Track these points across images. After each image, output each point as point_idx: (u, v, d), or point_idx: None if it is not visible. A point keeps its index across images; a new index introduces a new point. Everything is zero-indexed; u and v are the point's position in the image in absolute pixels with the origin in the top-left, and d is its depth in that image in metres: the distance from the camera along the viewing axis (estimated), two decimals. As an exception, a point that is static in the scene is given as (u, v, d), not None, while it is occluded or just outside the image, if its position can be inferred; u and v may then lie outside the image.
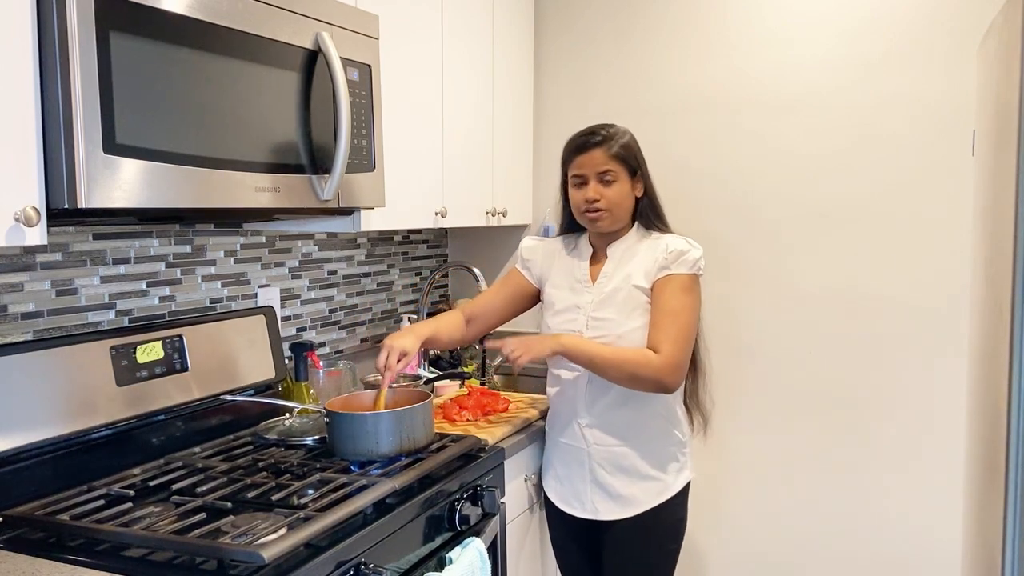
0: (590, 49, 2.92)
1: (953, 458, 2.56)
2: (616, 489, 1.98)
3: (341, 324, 2.57)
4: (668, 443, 1.99)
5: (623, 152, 1.95)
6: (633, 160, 1.97)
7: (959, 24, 2.46)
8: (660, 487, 1.98)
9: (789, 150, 2.68)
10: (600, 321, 1.96)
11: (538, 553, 2.28)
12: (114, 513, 1.44)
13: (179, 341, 1.84)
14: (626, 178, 1.96)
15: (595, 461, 2.00)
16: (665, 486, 1.98)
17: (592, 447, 2.00)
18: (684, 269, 1.92)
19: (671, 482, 1.99)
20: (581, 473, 2.02)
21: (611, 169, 1.93)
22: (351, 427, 1.71)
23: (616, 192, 1.94)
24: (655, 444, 1.98)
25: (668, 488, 1.98)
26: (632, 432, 1.97)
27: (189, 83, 1.43)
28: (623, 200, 1.96)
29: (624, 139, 1.97)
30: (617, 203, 1.95)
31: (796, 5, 2.64)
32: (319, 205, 1.75)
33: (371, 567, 1.45)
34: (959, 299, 2.51)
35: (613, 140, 1.95)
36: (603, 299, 1.97)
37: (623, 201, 1.96)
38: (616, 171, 1.94)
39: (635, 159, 1.97)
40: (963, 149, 2.48)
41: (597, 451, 1.99)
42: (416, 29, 2.26)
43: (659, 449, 1.98)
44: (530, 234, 3.05)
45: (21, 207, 1.22)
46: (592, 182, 1.95)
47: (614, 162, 1.94)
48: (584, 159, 1.95)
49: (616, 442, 1.98)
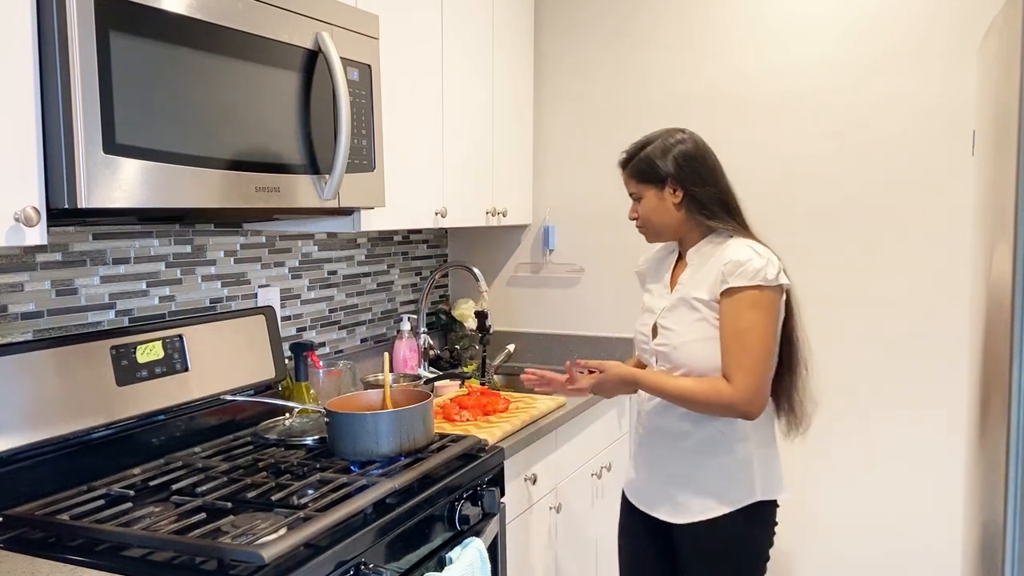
0: (590, 48, 2.92)
1: (953, 458, 2.56)
2: (672, 492, 1.92)
3: (341, 324, 2.57)
4: (726, 457, 1.88)
5: (644, 167, 1.92)
6: (655, 173, 1.90)
7: (959, 24, 2.46)
8: (712, 503, 1.86)
9: (789, 150, 2.68)
10: (665, 329, 1.91)
11: (538, 553, 2.28)
12: (114, 513, 1.44)
13: (179, 341, 1.84)
14: (653, 192, 1.92)
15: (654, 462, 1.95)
16: (718, 503, 1.86)
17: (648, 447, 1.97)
18: (743, 281, 1.78)
19: (728, 499, 1.86)
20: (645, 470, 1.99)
21: (633, 190, 1.95)
22: (351, 427, 1.71)
23: (645, 207, 1.94)
24: (710, 456, 1.88)
25: (720, 505, 1.86)
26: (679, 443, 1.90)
27: (189, 83, 1.43)
28: (653, 213, 1.93)
29: (645, 152, 1.93)
30: (648, 217, 1.94)
31: (796, 5, 2.64)
32: (319, 205, 1.75)
33: (371, 567, 1.45)
34: (959, 299, 2.52)
35: (633, 158, 1.94)
36: (671, 307, 1.92)
37: (654, 214, 1.93)
38: (638, 189, 1.94)
39: (657, 171, 1.90)
40: (963, 149, 2.48)
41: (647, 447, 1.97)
42: (416, 29, 2.26)
43: (715, 462, 1.87)
44: (530, 234, 3.06)
45: (21, 207, 1.22)
46: (632, 200, 1.97)
47: (633, 182, 1.94)
48: (623, 179, 1.98)
49: (666, 445, 1.92)
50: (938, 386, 2.56)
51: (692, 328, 1.86)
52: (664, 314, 1.92)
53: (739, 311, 1.79)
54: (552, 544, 2.36)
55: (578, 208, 2.98)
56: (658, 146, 1.92)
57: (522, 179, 2.95)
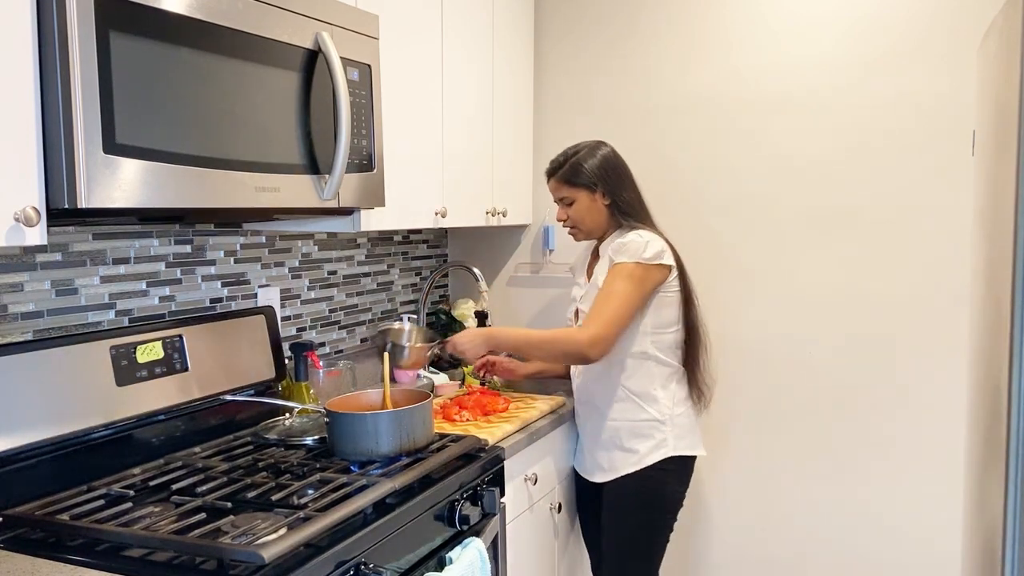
0: (590, 49, 2.92)
1: (953, 457, 2.56)
2: (601, 456, 2.27)
3: (341, 324, 2.57)
4: (640, 420, 2.21)
5: (571, 175, 2.21)
6: (587, 178, 2.20)
7: (959, 24, 2.46)
8: (634, 458, 2.20)
9: (789, 150, 2.68)
10: (583, 313, 2.22)
11: (538, 553, 2.28)
12: (114, 513, 1.44)
13: (179, 341, 1.84)
14: (584, 195, 2.21)
15: (587, 432, 2.32)
16: (639, 458, 2.19)
17: (581, 415, 2.34)
18: (624, 258, 2.11)
19: (644, 455, 2.19)
20: (583, 441, 2.35)
21: (564, 195, 2.23)
22: (351, 427, 1.71)
23: (576, 210, 2.23)
24: (628, 419, 2.21)
25: (641, 460, 2.19)
26: (607, 407, 2.24)
27: (189, 83, 1.43)
28: (586, 215, 2.23)
29: (574, 160, 2.20)
30: (579, 219, 2.24)
31: (796, 5, 2.64)
32: (319, 205, 1.75)
33: (371, 567, 1.45)
34: (959, 299, 2.52)
35: (562, 167, 2.22)
36: (585, 293, 2.25)
37: (586, 216, 2.23)
38: (570, 194, 2.22)
39: (587, 177, 2.20)
40: (963, 149, 2.48)
41: (584, 420, 2.32)
42: (416, 29, 2.26)
43: (632, 424, 2.21)
44: (530, 234, 3.07)
45: (21, 207, 1.22)
46: (560, 206, 2.27)
47: (565, 188, 2.22)
48: (550, 187, 2.28)
49: (597, 415, 2.26)
50: (938, 386, 2.56)
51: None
52: (582, 300, 2.26)
53: (613, 279, 2.11)
54: (552, 544, 2.36)
55: (578, 208, 2.97)
56: (585, 155, 2.22)
57: (522, 179, 2.95)
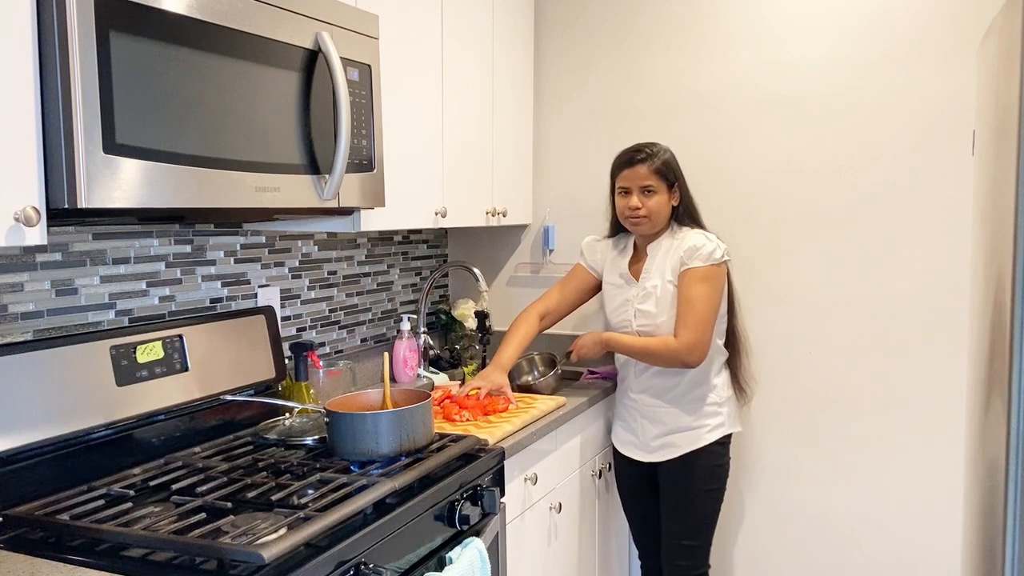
0: (590, 49, 2.92)
1: (953, 457, 2.56)
2: (662, 437, 2.40)
3: (341, 324, 2.57)
4: (702, 404, 2.37)
5: (663, 168, 2.31)
6: (671, 174, 2.33)
7: (959, 24, 2.46)
8: (695, 436, 2.37)
9: (789, 150, 2.68)
10: (644, 313, 2.35)
11: (539, 553, 2.28)
12: (114, 513, 1.44)
13: (179, 341, 1.84)
14: (665, 190, 2.32)
15: (645, 417, 2.43)
16: (699, 436, 2.37)
17: (642, 407, 2.44)
18: (699, 262, 2.26)
19: (705, 433, 2.37)
20: (637, 425, 2.46)
21: (652, 184, 2.30)
22: (351, 427, 1.71)
23: (655, 202, 2.31)
24: (691, 404, 2.37)
25: (702, 438, 2.36)
26: (670, 395, 2.38)
27: (189, 83, 1.43)
28: (661, 208, 2.32)
29: (665, 156, 2.32)
30: (656, 211, 2.32)
31: (796, 6, 2.64)
32: (319, 205, 1.75)
33: (371, 567, 1.45)
34: (959, 299, 2.52)
35: (656, 157, 2.31)
36: (645, 294, 2.35)
37: (661, 209, 2.33)
38: (656, 185, 2.30)
39: (673, 174, 2.33)
40: (963, 149, 2.48)
41: (646, 409, 2.43)
42: (416, 29, 2.26)
43: (694, 408, 2.37)
44: (530, 234, 3.07)
45: (21, 207, 1.22)
46: (635, 193, 2.31)
47: (655, 177, 2.30)
48: (630, 173, 2.32)
49: (659, 403, 2.40)
50: (938, 386, 2.56)
51: (671, 308, 2.30)
52: (640, 301, 2.36)
53: (691, 284, 2.26)
54: (552, 544, 2.36)
55: (578, 208, 2.97)
56: (669, 154, 2.34)
57: (522, 179, 2.95)
